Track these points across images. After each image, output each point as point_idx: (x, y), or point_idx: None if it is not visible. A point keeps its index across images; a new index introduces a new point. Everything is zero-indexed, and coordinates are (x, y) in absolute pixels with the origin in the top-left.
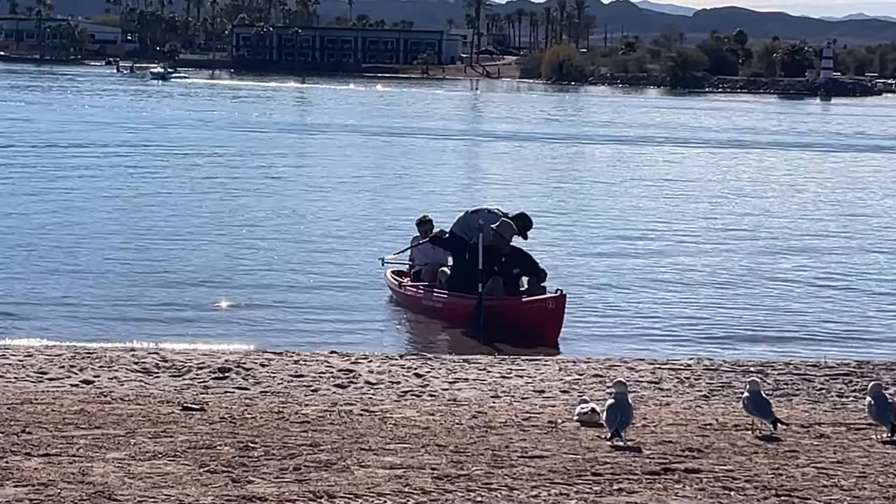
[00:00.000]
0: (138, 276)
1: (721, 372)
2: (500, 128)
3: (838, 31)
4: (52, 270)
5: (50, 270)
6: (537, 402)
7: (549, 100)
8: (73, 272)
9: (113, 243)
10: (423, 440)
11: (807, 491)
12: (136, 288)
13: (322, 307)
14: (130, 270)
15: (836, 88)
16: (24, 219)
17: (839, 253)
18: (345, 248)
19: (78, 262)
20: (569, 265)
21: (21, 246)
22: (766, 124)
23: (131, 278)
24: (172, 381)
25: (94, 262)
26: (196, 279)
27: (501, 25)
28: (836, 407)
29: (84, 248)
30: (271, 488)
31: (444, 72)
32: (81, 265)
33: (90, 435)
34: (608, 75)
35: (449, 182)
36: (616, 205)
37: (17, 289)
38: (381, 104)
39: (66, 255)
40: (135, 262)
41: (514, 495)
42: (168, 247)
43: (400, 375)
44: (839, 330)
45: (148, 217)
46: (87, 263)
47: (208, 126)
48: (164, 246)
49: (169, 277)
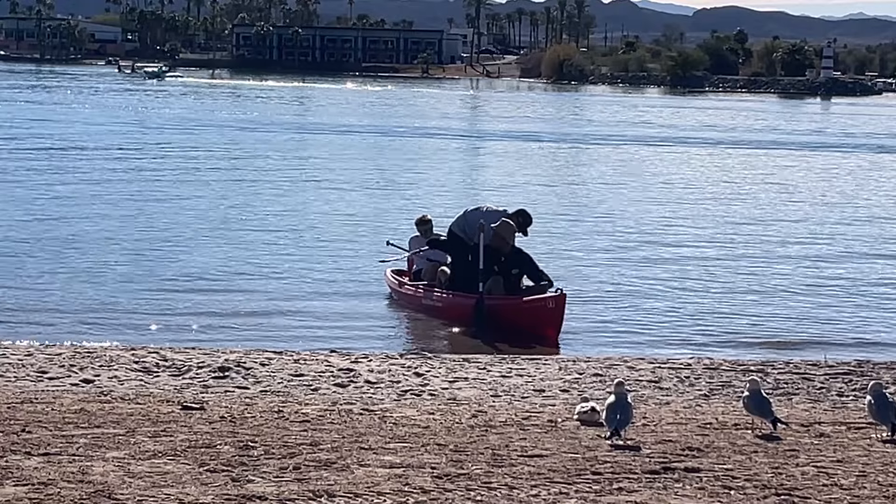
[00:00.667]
0: (138, 277)
1: (721, 371)
2: (500, 127)
3: (838, 30)
4: (51, 270)
5: (50, 270)
6: (537, 401)
7: (550, 99)
8: (74, 272)
9: (113, 244)
10: (422, 439)
11: (807, 490)
12: (136, 288)
13: (322, 306)
14: (130, 270)
15: (837, 88)
16: (24, 218)
17: (840, 252)
18: (344, 247)
19: (78, 262)
20: (569, 264)
21: (21, 245)
22: (766, 124)
23: (131, 278)
24: (172, 380)
25: (95, 261)
26: (196, 276)
27: (501, 25)
28: (837, 406)
29: (84, 248)
30: (271, 487)
31: (444, 71)
32: (81, 265)
33: (90, 434)
34: (608, 75)
35: (448, 181)
36: (616, 204)
37: (16, 288)
38: (380, 103)
39: (65, 255)
40: (134, 263)
41: (513, 494)
42: (168, 246)
43: (400, 374)
44: (839, 329)
45: (148, 218)
46: (87, 263)
47: (204, 126)
48: (164, 246)
49: (169, 276)
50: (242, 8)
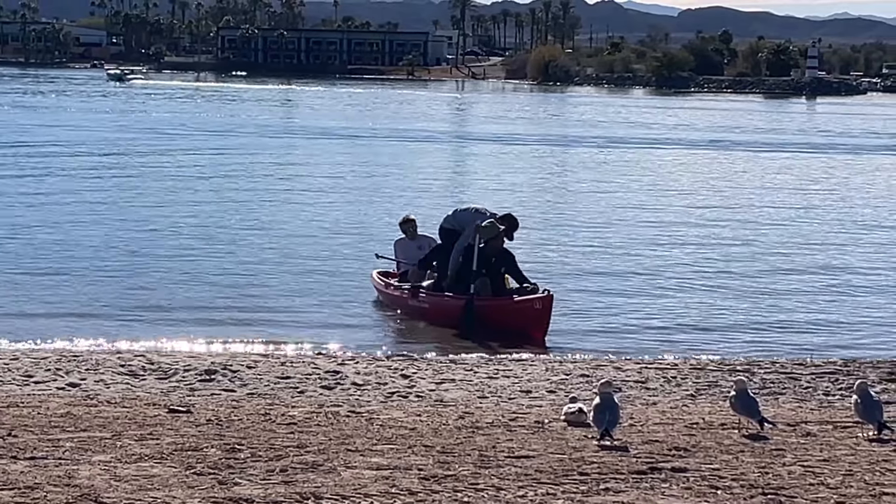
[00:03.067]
0: (124, 279)
1: (708, 371)
2: (486, 129)
3: (823, 30)
4: (37, 273)
5: (35, 273)
6: (524, 402)
7: (535, 100)
8: (59, 275)
9: (98, 246)
10: (409, 441)
11: (793, 489)
12: (121, 291)
13: (308, 309)
14: (116, 273)
15: (822, 88)
16: (6, 222)
17: (826, 252)
18: (330, 249)
19: (63, 265)
20: (556, 265)
21: (5, 248)
22: (751, 124)
23: (117, 281)
24: (159, 383)
25: (80, 264)
26: (182, 281)
27: (487, 26)
28: (823, 405)
29: (69, 251)
30: (258, 490)
31: (429, 73)
32: (66, 268)
33: (76, 438)
34: (594, 76)
35: (434, 184)
36: (603, 205)
37: (1, 292)
38: (365, 106)
39: (50, 258)
40: (120, 266)
41: (500, 495)
42: (152, 250)
43: (386, 376)
44: (826, 328)
45: (132, 220)
46: (72, 266)
47: (187, 127)
48: (149, 249)
49: (154, 280)
50: (227, 11)
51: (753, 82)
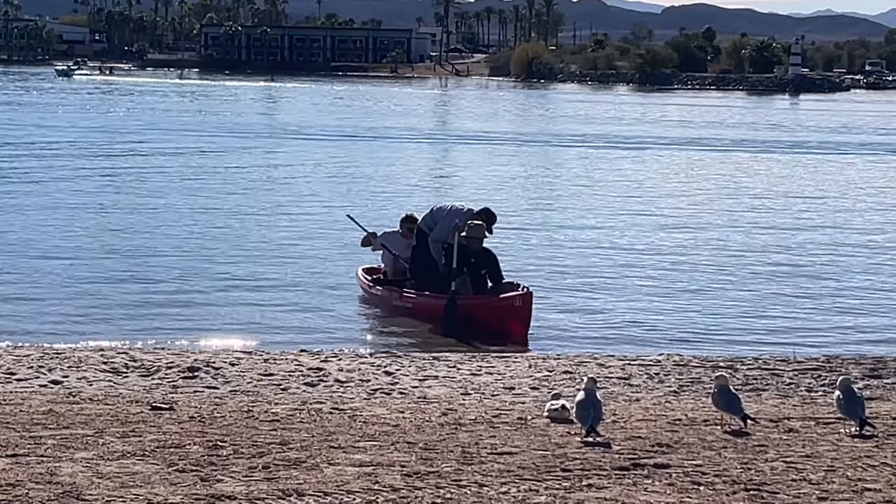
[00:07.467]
0: (107, 277)
1: (690, 367)
2: (470, 126)
3: (806, 27)
4: (19, 271)
5: (17, 270)
6: (507, 398)
7: (519, 98)
8: (41, 272)
9: (80, 243)
10: (392, 438)
11: (776, 485)
12: (104, 288)
13: (291, 306)
14: (98, 271)
15: (805, 85)
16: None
17: (808, 249)
18: (314, 247)
19: (46, 262)
20: (538, 263)
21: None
22: (734, 121)
23: (99, 278)
24: (141, 380)
25: (62, 262)
26: (164, 279)
27: (470, 23)
28: (805, 401)
29: (51, 248)
30: (240, 487)
31: (413, 70)
32: (49, 265)
33: (58, 435)
34: (577, 73)
35: (417, 181)
36: (585, 203)
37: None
38: (347, 103)
39: (32, 256)
40: (103, 263)
41: (483, 492)
42: (135, 246)
43: (369, 373)
44: (808, 325)
45: (115, 217)
46: (54, 263)
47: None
48: (132, 246)
49: (137, 277)
50: (210, 8)
51: (737, 79)
